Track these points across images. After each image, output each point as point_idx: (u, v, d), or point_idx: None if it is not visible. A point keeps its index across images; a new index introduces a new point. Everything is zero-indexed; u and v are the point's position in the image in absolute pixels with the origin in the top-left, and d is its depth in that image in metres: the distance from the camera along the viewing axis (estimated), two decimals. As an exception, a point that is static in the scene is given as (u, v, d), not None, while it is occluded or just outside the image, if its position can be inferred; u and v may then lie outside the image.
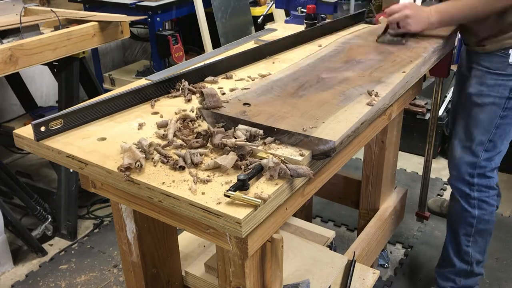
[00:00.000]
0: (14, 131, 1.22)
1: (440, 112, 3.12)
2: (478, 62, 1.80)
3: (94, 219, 2.76)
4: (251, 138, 1.09)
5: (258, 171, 1.00)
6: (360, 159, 2.86)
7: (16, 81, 3.02)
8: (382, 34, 1.75)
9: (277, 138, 1.10)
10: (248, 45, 1.88)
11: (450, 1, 1.69)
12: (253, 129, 1.09)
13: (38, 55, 2.16)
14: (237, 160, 1.03)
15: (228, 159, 1.02)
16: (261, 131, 1.09)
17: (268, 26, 2.51)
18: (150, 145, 1.08)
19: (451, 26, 1.81)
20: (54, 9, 2.55)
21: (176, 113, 1.29)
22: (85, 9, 3.34)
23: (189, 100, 1.38)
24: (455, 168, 1.90)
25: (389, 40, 1.72)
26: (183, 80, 1.45)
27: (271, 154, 1.05)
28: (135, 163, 1.02)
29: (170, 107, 1.33)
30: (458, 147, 1.88)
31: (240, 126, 1.11)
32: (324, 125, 1.12)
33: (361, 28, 2.03)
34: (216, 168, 1.03)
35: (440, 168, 3.17)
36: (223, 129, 1.13)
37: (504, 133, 1.81)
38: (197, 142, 1.11)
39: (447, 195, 2.89)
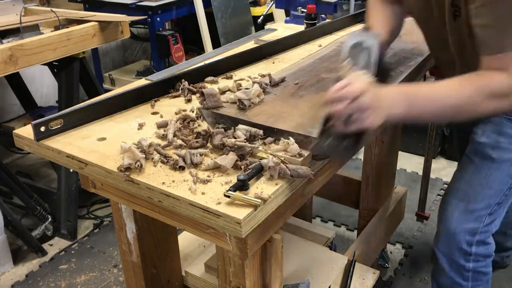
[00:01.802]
0: (14, 131, 1.22)
1: (440, 112, 3.12)
2: None
3: (94, 219, 2.76)
4: (251, 138, 1.09)
5: (258, 171, 1.00)
6: (360, 159, 2.86)
7: (16, 81, 3.02)
8: (319, 135, 1.06)
9: (277, 138, 1.10)
10: (248, 45, 1.88)
11: (425, 84, 1.32)
12: (253, 129, 1.10)
13: (38, 55, 2.16)
14: (237, 160, 1.03)
15: (228, 159, 1.02)
16: (261, 132, 1.09)
17: (268, 26, 2.51)
18: (150, 145, 1.08)
19: (414, 121, 1.23)
20: (54, 9, 2.55)
21: (176, 113, 1.29)
22: (85, 9, 3.34)
23: (189, 100, 1.38)
24: (450, 235, 1.53)
25: (331, 148, 1.08)
26: (183, 80, 1.45)
27: (271, 154, 1.05)
28: (135, 163, 1.02)
29: (170, 107, 1.33)
30: (456, 210, 1.51)
31: (240, 126, 1.11)
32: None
33: (361, 28, 2.03)
34: (216, 168, 1.03)
35: (440, 168, 3.17)
36: (223, 129, 1.14)
37: None
38: (197, 142, 1.11)
39: (447, 195, 2.90)
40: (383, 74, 1.30)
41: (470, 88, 1.17)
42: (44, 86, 3.49)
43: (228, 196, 0.92)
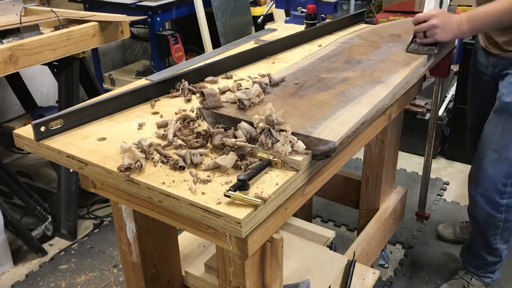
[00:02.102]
0: (14, 131, 1.22)
1: (440, 112, 3.13)
2: (509, 68, 1.78)
3: (94, 219, 2.76)
4: (251, 140, 1.09)
5: (258, 171, 1.00)
6: (360, 159, 2.87)
7: (16, 81, 3.02)
8: (411, 43, 1.66)
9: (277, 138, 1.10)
10: (248, 45, 1.88)
11: (481, 6, 1.63)
12: (254, 132, 1.09)
13: (38, 55, 2.16)
14: (237, 160, 1.03)
15: (228, 159, 1.02)
16: (262, 136, 1.08)
17: (268, 26, 2.51)
18: (150, 145, 1.08)
19: (484, 32, 1.79)
20: (54, 9, 2.55)
21: (176, 113, 1.29)
22: (85, 9, 3.34)
23: (189, 100, 1.38)
24: (490, 179, 1.85)
25: (420, 49, 1.63)
26: (183, 80, 1.45)
27: (271, 154, 1.05)
28: (135, 163, 1.02)
29: (170, 107, 1.33)
30: (492, 158, 1.83)
31: (242, 124, 1.11)
32: (324, 125, 1.12)
33: (361, 28, 2.03)
34: (216, 168, 1.03)
35: (440, 168, 3.17)
36: (223, 129, 1.14)
37: None
38: (197, 142, 1.11)
39: (447, 195, 2.90)
40: None
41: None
42: (44, 86, 3.49)
43: (228, 196, 0.92)
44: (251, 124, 1.12)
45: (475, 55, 2.02)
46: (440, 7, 1.73)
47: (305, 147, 1.05)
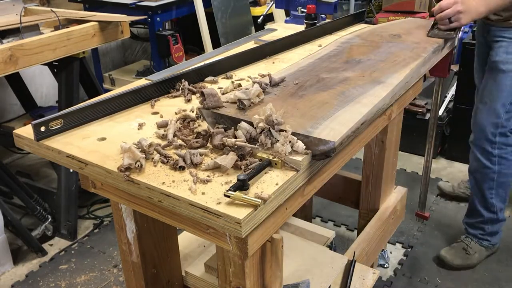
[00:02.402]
0: (14, 131, 1.22)
1: (440, 112, 3.13)
2: (503, 35, 2.03)
3: (94, 219, 2.76)
4: (251, 140, 1.08)
5: (258, 171, 1.00)
6: (360, 159, 2.87)
7: (16, 81, 3.02)
8: (431, 29, 1.82)
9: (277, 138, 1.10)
10: (248, 45, 1.88)
11: None
12: (254, 132, 1.09)
13: (38, 55, 2.16)
14: (237, 160, 1.03)
15: (228, 159, 1.02)
16: (262, 136, 1.08)
17: (268, 26, 2.51)
18: (150, 145, 1.08)
19: (498, 10, 1.94)
20: (54, 9, 2.55)
21: (176, 113, 1.29)
22: (85, 9, 3.34)
23: (189, 100, 1.38)
24: (479, 128, 2.11)
25: (440, 34, 1.78)
26: (183, 80, 1.45)
27: (271, 154, 1.05)
28: (135, 163, 1.02)
29: (170, 107, 1.33)
30: (483, 110, 2.10)
31: (242, 124, 1.11)
32: (324, 125, 1.12)
33: (361, 28, 2.03)
34: (216, 168, 1.03)
35: (440, 168, 3.17)
36: (223, 129, 1.13)
37: None
38: (197, 142, 1.11)
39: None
40: None
41: None
42: (44, 86, 3.49)
43: (228, 196, 0.92)
44: (251, 124, 1.12)
45: (478, 26, 2.26)
46: None
47: (304, 147, 1.05)
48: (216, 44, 3.44)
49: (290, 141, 1.06)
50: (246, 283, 1.12)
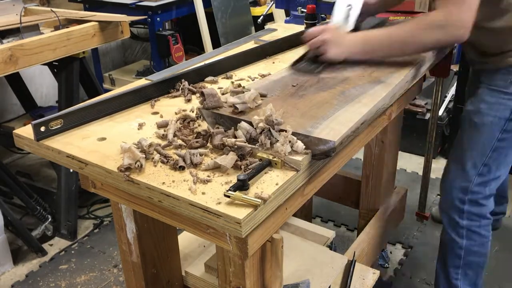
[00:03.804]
0: (14, 131, 1.22)
1: (440, 112, 3.13)
2: (478, 79, 1.69)
3: (94, 219, 2.76)
4: (251, 140, 1.08)
5: (258, 171, 0.99)
6: (360, 159, 2.86)
7: (16, 81, 3.02)
8: (298, 60, 1.53)
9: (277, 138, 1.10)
10: (248, 45, 1.88)
11: (377, 29, 1.52)
12: (254, 132, 1.09)
13: (38, 55, 2.16)
14: (237, 160, 1.03)
15: (228, 159, 1.01)
16: (262, 136, 1.08)
17: (268, 26, 2.51)
18: (150, 145, 1.08)
19: (377, 57, 1.51)
20: (54, 9, 2.55)
21: (176, 113, 1.29)
22: (85, 9, 3.35)
23: (189, 100, 1.38)
24: (446, 191, 1.76)
25: (304, 67, 1.49)
26: (183, 80, 1.45)
27: (271, 154, 1.05)
28: (135, 163, 1.02)
29: (170, 107, 1.33)
30: (451, 170, 1.75)
31: (242, 124, 1.11)
32: (324, 125, 1.12)
33: (361, 28, 2.02)
34: (216, 168, 1.03)
35: (440, 168, 3.14)
36: (222, 129, 1.13)
37: (501, 158, 1.66)
38: (197, 142, 1.11)
39: (447, 195, 2.89)
40: (355, 30, 1.63)
41: (411, 24, 1.42)
42: (44, 86, 3.49)
43: (228, 196, 0.92)
44: (251, 124, 1.12)
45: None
46: (347, 20, 1.62)
47: (304, 146, 1.05)
48: (216, 44, 3.44)
49: (290, 141, 1.06)
50: (246, 283, 1.12)
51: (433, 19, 1.39)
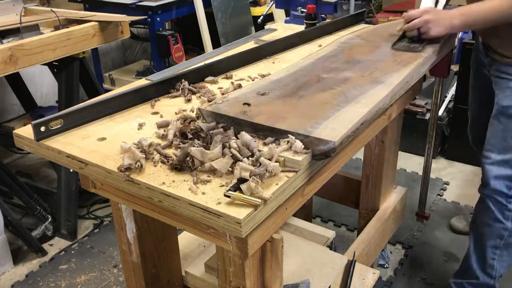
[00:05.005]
0: (14, 131, 1.22)
1: (440, 112, 3.13)
2: (499, 71, 1.77)
3: (94, 219, 2.76)
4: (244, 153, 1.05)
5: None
6: (360, 159, 2.86)
7: (16, 81, 3.01)
8: (398, 41, 1.68)
9: (278, 138, 1.10)
10: (248, 45, 1.88)
11: (475, 3, 1.62)
12: (252, 145, 1.06)
13: (38, 55, 2.16)
14: (233, 163, 1.02)
15: (223, 162, 1.01)
16: (257, 151, 1.04)
17: (268, 26, 2.51)
18: (150, 145, 1.08)
19: (476, 28, 1.76)
20: (54, 9, 2.55)
21: (176, 113, 1.29)
22: (85, 9, 3.34)
23: (189, 100, 1.38)
24: (492, 182, 1.80)
25: (405, 46, 1.64)
26: (183, 80, 1.45)
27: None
28: (135, 163, 1.02)
29: (170, 107, 1.33)
30: (495, 161, 1.79)
31: (244, 137, 1.07)
32: (324, 125, 1.12)
33: (361, 28, 2.03)
34: (212, 171, 1.02)
35: (440, 168, 3.17)
36: (222, 129, 1.13)
37: None
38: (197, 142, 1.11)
39: (447, 195, 2.89)
40: None
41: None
42: (44, 86, 3.49)
43: (228, 196, 0.92)
44: (252, 125, 1.12)
45: (476, 48, 1.99)
46: (436, 6, 1.75)
47: (303, 146, 1.05)
48: (216, 44, 3.44)
49: (288, 141, 1.06)
50: (246, 283, 1.12)
51: None
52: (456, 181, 3.03)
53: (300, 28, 2.08)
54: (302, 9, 2.38)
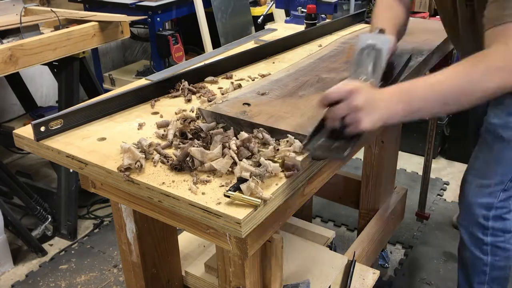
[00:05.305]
0: (14, 131, 1.22)
1: (440, 112, 3.12)
2: None
3: (94, 219, 2.76)
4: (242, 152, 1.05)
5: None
6: (360, 159, 2.87)
7: (16, 81, 3.01)
8: (311, 136, 1.05)
9: (277, 138, 1.10)
10: (248, 45, 1.88)
11: (423, 79, 1.16)
12: (252, 145, 1.05)
13: (38, 55, 2.16)
14: (232, 163, 1.02)
15: (223, 162, 1.01)
16: (257, 151, 1.03)
17: (268, 26, 2.51)
18: (150, 145, 1.08)
19: (418, 118, 1.14)
20: (54, 9, 2.55)
21: (176, 113, 1.29)
22: (85, 9, 3.34)
23: (189, 100, 1.38)
24: (468, 209, 1.64)
25: (323, 148, 1.05)
26: (183, 80, 1.45)
27: (272, 157, 1.04)
28: (135, 163, 1.02)
29: (170, 107, 1.33)
30: (472, 185, 1.62)
31: (243, 137, 1.06)
32: (324, 125, 1.12)
33: (361, 28, 2.03)
34: (212, 171, 1.02)
35: (440, 168, 3.17)
36: (222, 129, 1.13)
37: None
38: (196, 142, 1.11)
39: (447, 195, 2.90)
40: (386, 78, 1.31)
41: (466, 66, 1.12)
42: (44, 86, 3.49)
43: (228, 196, 0.92)
44: (252, 125, 1.12)
45: None
46: (373, 73, 1.25)
47: (302, 146, 1.05)
48: (216, 44, 3.44)
49: (287, 141, 1.06)
50: (246, 283, 1.12)
51: (493, 58, 1.13)
52: (456, 181, 3.03)
53: (300, 28, 2.08)
54: (302, 9, 2.38)
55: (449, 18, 1.60)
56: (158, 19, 3.19)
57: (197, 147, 1.05)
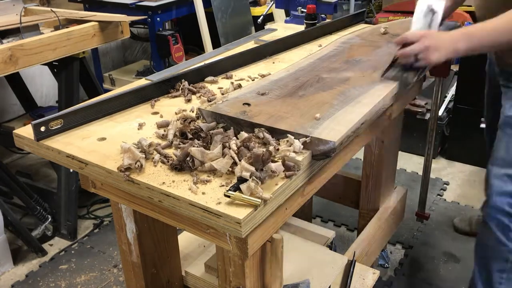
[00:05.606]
0: (14, 131, 1.22)
1: (440, 112, 3.13)
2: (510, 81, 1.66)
3: (94, 219, 2.76)
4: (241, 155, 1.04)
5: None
6: (360, 159, 2.86)
7: (16, 81, 3.01)
8: (388, 68, 1.44)
9: (277, 138, 1.10)
10: (248, 45, 1.88)
11: (480, 23, 1.45)
12: (252, 145, 1.05)
13: (38, 55, 2.16)
14: (233, 163, 1.02)
15: (223, 162, 1.01)
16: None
17: (268, 26, 2.51)
18: (150, 145, 1.08)
19: (484, 51, 1.53)
20: (54, 9, 2.55)
21: (176, 113, 1.29)
22: (85, 9, 3.34)
23: (189, 100, 1.38)
24: (494, 198, 1.67)
25: (396, 77, 1.42)
26: (183, 80, 1.45)
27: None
28: (135, 163, 1.02)
29: (170, 107, 1.34)
30: (497, 175, 1.67)
31: (243, 137, 1.07)
32: (324, 126, 1.12)
33: (361, 28, 2.03)
34: (212, 171, 1.02)
35: (440, 168, 3.17)
36: (222, 129, 1.13)
37: None
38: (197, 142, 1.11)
39: (447, 195, 2.89)
40: None
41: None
42: (44, 86, 3.49)
43: (228, 196, 0.92)
44: (252, 125, 1.12)
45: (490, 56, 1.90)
46: (430, 27, 1.57)
47: (302, 146, 1.05)
48: (216, 44, 3.44)
49: (287, 141, 1.06)
50: (246, 283, 1.12)
51: None
52: (456, 181, 3.03)
53: (300, 28, 2.08)
54: (302, 9, 2.38)
55: None
56: (158, 19, 3.19)
57: (197, 147, 1.05)
